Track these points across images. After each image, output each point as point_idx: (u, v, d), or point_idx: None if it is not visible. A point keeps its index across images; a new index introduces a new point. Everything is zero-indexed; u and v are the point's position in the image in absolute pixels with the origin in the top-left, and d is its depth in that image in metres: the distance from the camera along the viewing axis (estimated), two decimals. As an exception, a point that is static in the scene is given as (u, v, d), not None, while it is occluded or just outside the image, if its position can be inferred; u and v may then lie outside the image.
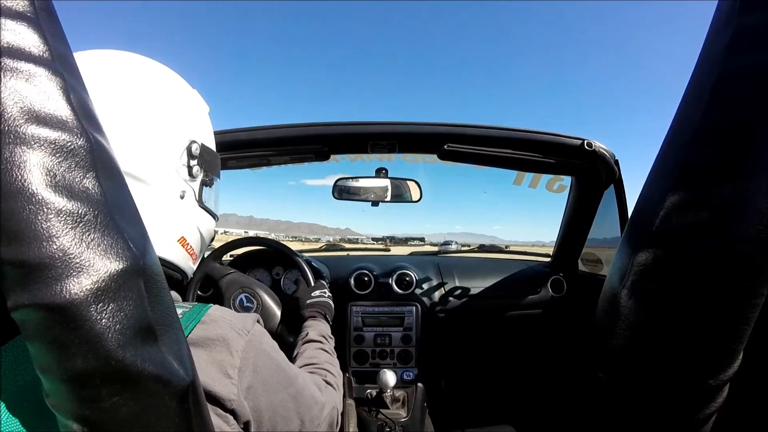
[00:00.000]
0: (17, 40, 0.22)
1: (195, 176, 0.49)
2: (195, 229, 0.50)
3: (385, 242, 5.12)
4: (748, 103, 0.25)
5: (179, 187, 0.47)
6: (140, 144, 0.42)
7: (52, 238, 0.21)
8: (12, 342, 0.29)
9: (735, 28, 0.26)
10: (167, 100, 0.47)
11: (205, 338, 0.37)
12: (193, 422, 0.27)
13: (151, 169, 0.43)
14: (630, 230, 0.32)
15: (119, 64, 0.45)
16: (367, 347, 1.20)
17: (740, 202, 0.25)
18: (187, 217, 0.48)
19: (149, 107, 0.44)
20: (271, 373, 0.43)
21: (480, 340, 1.31)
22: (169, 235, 0.46)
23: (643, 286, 0.29)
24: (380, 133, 1.02)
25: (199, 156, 0.49)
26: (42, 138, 0.21)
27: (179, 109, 0.48)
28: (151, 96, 0.45)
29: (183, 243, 0.48)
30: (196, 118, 0.51)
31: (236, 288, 0.91)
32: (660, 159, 0.31)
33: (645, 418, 0.30)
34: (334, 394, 0.58)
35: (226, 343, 0.38)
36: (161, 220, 0.45)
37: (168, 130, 0.46)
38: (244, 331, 0.40)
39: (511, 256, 1.68)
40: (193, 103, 0.51)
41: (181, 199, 0.47)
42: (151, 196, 0.43)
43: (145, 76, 0.46)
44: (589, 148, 0.97)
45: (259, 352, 0.41)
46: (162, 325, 0.25)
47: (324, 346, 0.71)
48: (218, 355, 0.37)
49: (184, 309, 0.39)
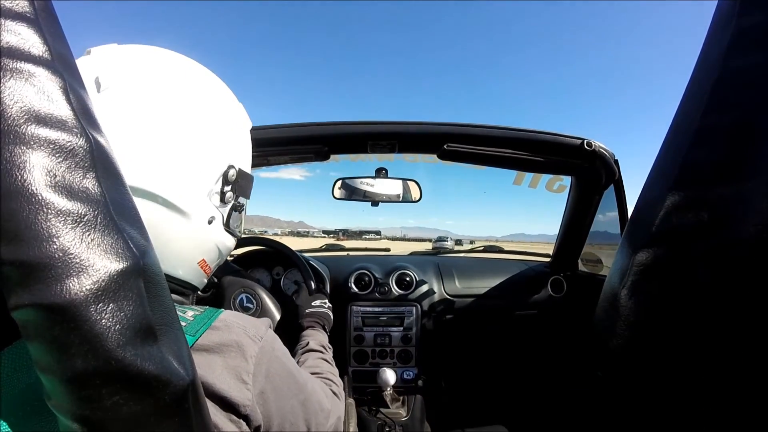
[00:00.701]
0: (17, 41, 0.22)
1: (226, 202, 0.46)
2: (216, 251, 0.48)
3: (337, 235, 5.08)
4: (748, 104, 0.25)
5: (209, 213, 0.44)
6: (179, 168, 0.40)
7: (52, 238, 0.21)
8: (13, 345, 0.29)
9: (735, 28, 0.26)
10: (214, 117, 0.44)
11: (220, 344, 0.37)
12: (193, 422, 0.27)
13: (185, 197, 0.41)
14: (630, 230, 0.32)
15: (165, 68, 0.42)
16: (367, 347, 1.20)
17: (740, 203, 0.25)
18: (211, 240, 0.46)
19: (194, 125, 0.41)
20: (283, 379, 0.43)
21: (480, 339, 1.31)
22: (191, 259, 0.45)
23: (643, 285, 0.29)
24: (380, 133, 1.02)
25: (234, 182, 0.46)
26: (42, 138, 0.21)
27: (224, 130, 0.45)
28: (197, 111, 0.42)
29: (202, 265, 0.47)
30: (238, 137, 0.47)
31: (237, 288, 0.91)
32: (660, 159, 0.31)
33: (644, 418, 0.30)
34: (338, 404, 0.59)
35: (241, 349, 0.38)
36: (186, 245, 0.43)
37: (209, 154, 0.43)
38: (257, 337, 0.40)
39: (511, 256, 1.68)
40: (238, 121, 0.48)
41: (208, 224, 0.44)
42: (181, 223, 0.41)
43: (193, 87, 0.43)
44: (588, 148, 0.97)
45: (271, 358, 0.41)
46: (162, 325, 0.25)
47: (325, 356, 0.71)
48: (233, 361, 0.37)
49: (195, 312, 0.38)
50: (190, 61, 0.45)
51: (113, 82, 0.38)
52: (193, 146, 0.41)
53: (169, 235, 0.40)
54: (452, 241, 2.92)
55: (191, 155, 0.41)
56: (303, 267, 0.97)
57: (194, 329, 0.36)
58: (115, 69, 0.39)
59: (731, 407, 0.26)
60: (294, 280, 1.25)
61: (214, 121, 0.44)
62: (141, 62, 0.41)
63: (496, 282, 1.30)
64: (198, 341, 0.35)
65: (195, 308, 0.40)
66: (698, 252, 0.26)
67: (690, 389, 0.28)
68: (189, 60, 0.45)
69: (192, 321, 0.37)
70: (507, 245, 1.79)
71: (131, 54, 0.41)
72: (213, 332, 0.37)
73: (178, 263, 0.43)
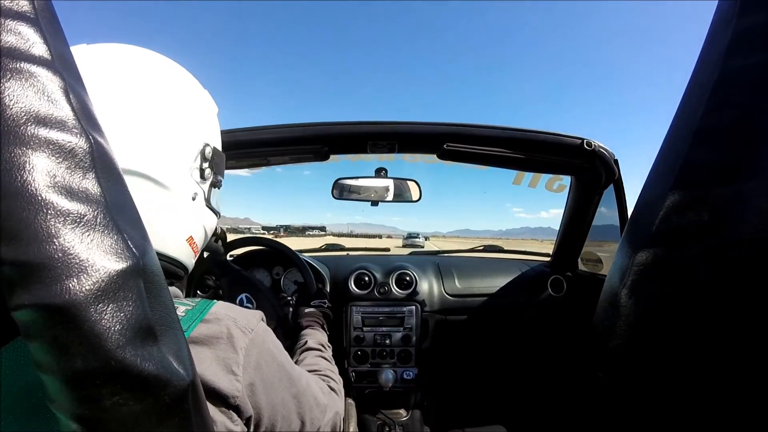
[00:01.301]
0: (17, 41, 0.22)
1: (206, 178, 0.49)
2: (201, 228, 0.51)
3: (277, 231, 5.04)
4: (748, 104, 0.25)
5: (192, 189, 0.47)
6: (160, 148, 0.43)
7: (52, 238, 0.21)
8: (12, 343, 0.29)
9: (735, 28, 0.26)
10: (184, 102, 0.47)
11: (209, 336, 0.37)
12: (193, 422, 0.27)
13: (170, 173, 0.43)
14: (630, 230, 0.32)
15: (136, 61, 0.44)
16: (367, 347, 1.20)
17: (740, 203, 0.25)
18: (196, 217, 0.49)
19: (168, 109, 0.44)
20: (273, 371, 0.43)
21: (480, 339, 1.31)
22: (180, 235, 0.47)
23: (643, 285, 0.29)
24: (380, 133, 1.02)
25: (211, 159, 0.49)
26: (42, 138, 0.21)
27: (195, 111, 0.48)
28: (169, 97, 0.45)
29: (190, 242, 0.49)
30: (208, 119, 0.51)
31: (237, 288, 0.92)
32: (660, 159, 0.31)
33: (645, 418, 0.30)
34: (336, 400, 0.59)
35: (230, 341, 0.38)
36: (174, 221, 0.45)
37: (186, 133, 0.46)
38: (248, 329, 0.40)
39: (511, 256, 1.68)
40: (206, 104, 0.51)
41: (192, 201, 0.48)
42: (168, 199, 0.44)
43: (163, 76, 0.46)
44: (588, 148, 0.97)
45: (262, 351, 0.42)
46: (162, 325, 0.25)
47: (323, 354, 0.72)
48: (221, 353, 0.37)
49: (187, 306, 0.39)
50: (156, 54, 0.48)
51: (94, 68, 0.40)
52: (171, 127, 0.44)
53: (159, 213, 0.43)
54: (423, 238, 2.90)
55: (170, 135, 0.44)
56: (303, 267, 0.97)
57: (186, 324, 0.36)
58: (92, 64, 0.41)
59: (731, 407, 0.26)
60: (294, 280, 1.25)
61: (185, 104, 0.47)
62: (113, 57, 0.43)
63: (496, 282, 1.30)
64: (190, 335, 0.36)
65: (187, 302, 0.40)
66: (698, 252, 0.26)
67: (690, 389, 0.28)
68: (156, 53, 0.48)
69: (184, 317, 0.37)
70: (507, 245, 1.79)
71: (102, 51, 0.43)
72: (204, 325, 0.37)
73: (167, 240, 0.45)
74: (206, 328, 0.37)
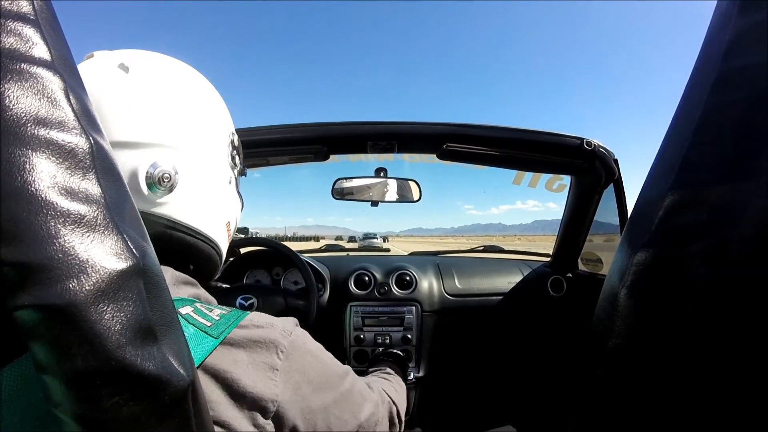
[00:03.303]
0: (18, 42, 0.22)
1: (236, 165, 0.54)
2: (234, 214, 0.54)
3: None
4: (748, 103, 0.25)
5: (227, 173, 0.51)
6: (204, 136, 0.47)
7: (52, 239, 0.21)
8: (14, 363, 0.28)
9: (735, 28, 0.26)
10: (212, 96, 0.50)
11: (248, 339, 0.36)
12: (193, 422, 0.27)
13: (216, 162, 0.48)
14: (629, 230, 0.32)
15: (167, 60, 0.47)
16: (367, 347, 1.20)
17: (740, 202, 0.25)
18: (232, 202, 0.53)
19: (204, 102, 0.48)
20: (318, 372, 0.42)
21: (480, 339, 1.31)
22: (221, 220, 0.50)
23: (642, 285, 0.29)
24: (379, 133, 1.02)
25: (237, 147, 0.54)
26: (42, 139, 0.21)
27: (220, 106, 0.52)
28: (201, 90, 0.49)
29: (228, 227, 0.52)
30: (228, 114, 0.55)
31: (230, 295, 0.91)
32: (659, 158, 0.31)
33: (645, 418, 0.30)
34: (383, 394, 0.59)
35: (269, 345, 0.37)
36: (217, 204, 0.49)
37: (219, 124, 0.50)
38: (286, 332, 0.40)
39: (511, 256, 1.68)
40: (220, 99, 0.55)
41: (229, 185, 0.51)
42: (213, 182, 0.48)
43: (192, 76, 0.49)
44: (588, 148, 0.97)
45: (303, 353, 0.41)
46: (162, 326, 0.25)
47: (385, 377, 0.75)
48: (259, 357, 0.36)
49: (222, 311, 0.38)
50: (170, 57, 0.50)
51: (137, 65, 0.43)
52: (209, 116, 0.48)
53: (207, 195, 0.47)
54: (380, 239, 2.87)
55: (210, 124, 0.48)
56: (303, 267, 0.97)
57: (221, 328, 0.35)
58: (133, 57, 0.44)
59: (731, 407, 0.26)
60: (294, 280, 1.25)
61: (213, 98, 0.50)
62: (146, 56, 0.46)
63: (496, 282, 1.30)
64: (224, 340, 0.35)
65: (222, 308, 0.39)
66: (698, 251, 0.26)
67: (690, 389, 0.28)
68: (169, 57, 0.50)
69: (218, 321, 0.36)
70: (507, 245, 1.79)
71: (132, 52, 0.45)
72: (240, 330, 0.36)
73: (211, 223, 0.48)
74: (244, 332, 0.36)
